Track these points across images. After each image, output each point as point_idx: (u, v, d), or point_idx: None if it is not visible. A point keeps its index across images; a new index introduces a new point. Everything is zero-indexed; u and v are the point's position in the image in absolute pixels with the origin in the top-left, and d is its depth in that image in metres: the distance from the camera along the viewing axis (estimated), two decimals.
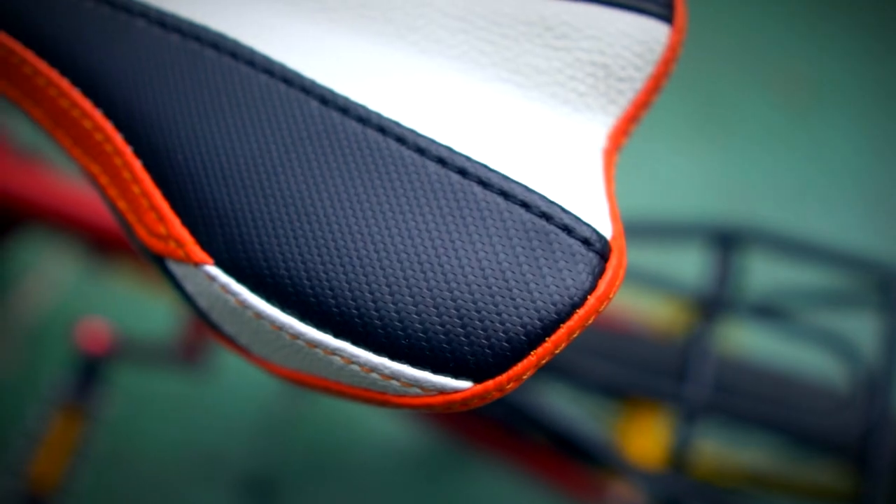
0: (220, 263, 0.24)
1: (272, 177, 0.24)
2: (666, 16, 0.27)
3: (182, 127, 0.25)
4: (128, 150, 0.26)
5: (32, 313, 0.77)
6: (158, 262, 0.26)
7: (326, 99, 0.25)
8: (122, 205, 0.26)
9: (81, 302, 0.77)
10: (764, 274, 0.64)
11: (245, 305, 0.24)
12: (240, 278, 0.24)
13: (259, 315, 0.24)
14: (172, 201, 0.25)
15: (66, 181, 0.62)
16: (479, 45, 0.26)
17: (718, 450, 0.62)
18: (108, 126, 0.26)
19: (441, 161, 0.24)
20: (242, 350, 0.27)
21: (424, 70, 0.26)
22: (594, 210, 0.24)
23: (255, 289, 0.24)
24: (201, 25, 0.26)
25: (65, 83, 0.27)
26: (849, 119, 1.14)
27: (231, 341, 0.27)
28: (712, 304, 0.48)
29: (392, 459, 0.81)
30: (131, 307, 0.74)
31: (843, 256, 0.48)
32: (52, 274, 0.78)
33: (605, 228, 0.24)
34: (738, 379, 0.53)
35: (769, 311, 0.48)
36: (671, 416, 0.56)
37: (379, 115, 0.25)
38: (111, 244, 0.60)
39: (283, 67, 0.26)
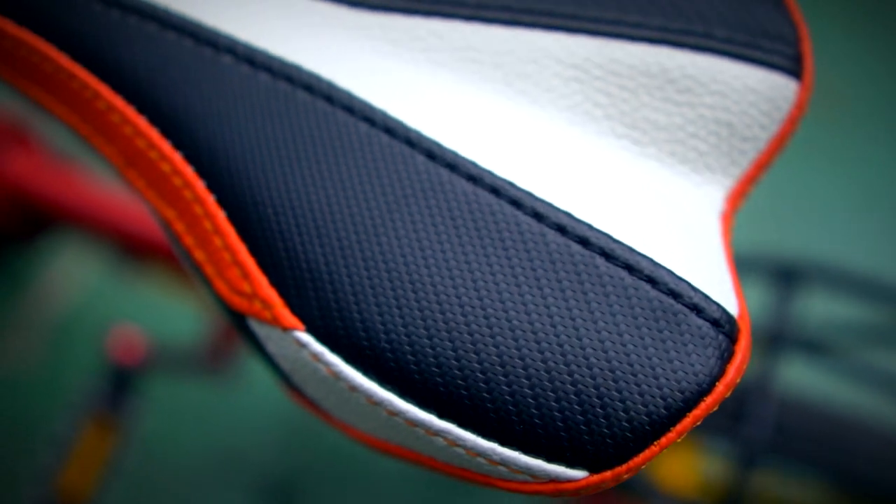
0: (312, 330, 0.22)
1: (373, 237, 0.22)
2: (795, 71, 0.25)
3: (272, 177, 0.23)
4: (210, 199, 0.24)
5: (55, 310, 0.76)
6: (237, 319, 0.24)
7: (433, 153, 0.23)
8: (199, 255, 0.24)
9: (104, 301, 0.75)
10: (817, 309, 0.62)
11: (338, 377, 0.22)
12: (334, 347, 0.22)
13: (354, 388, 0.22)
14: (260, 258, 0.23)
15: (99, 186, 0.60)
16: (594, 97, 0.24)
17: (773, 483, 0.60)
18: (189, 171, 0.24)
19: (560, 229, 0.22)
20: (324, 413, 0.25)
21: (534, 122, 0.24)
22: (720, 285, 0.23)
23: (351, 360, 0.22)
24: (293, 64, 0.24)
25: (142, 122, 0.25)
26: (885, 134, 1.12)
27: (312, 404, 0.25)
28: (773, 342, 0.46)
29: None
30: (154, 309, 0.73)
31: None
32: (76, 272, 0.76)
33: (732, 306, 0.22)
34: (796, 420, 0.51)
35: (825, 349, 0.47)
36: (724, 454, 0.54)
37: (492, 175, 0.23)
38: (141, 250, 0.59)
39: (384, 115, 0.23)
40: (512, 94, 0.25)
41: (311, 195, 0.23)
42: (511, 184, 0.23)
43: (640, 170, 0.24)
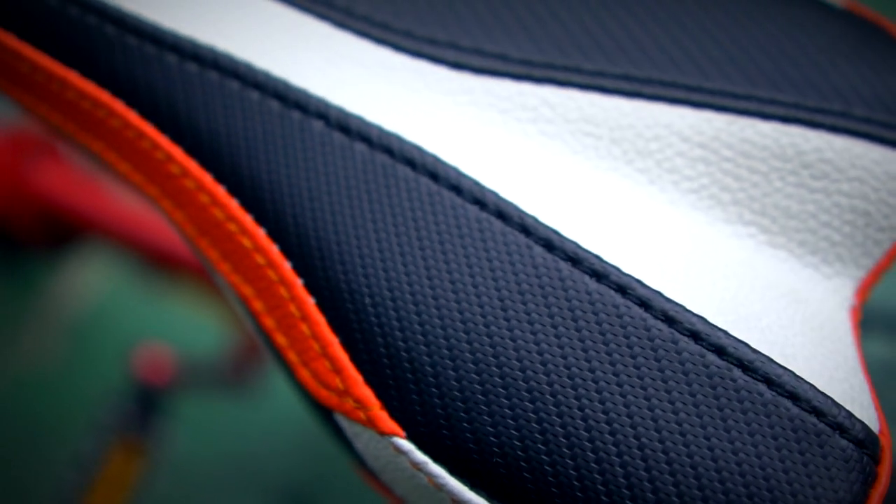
0: (414, 437, 0.20)
1: (485, 337, 0.20)
2: None
3: (370, 262, 0.21)
4: (298, 283, 0.22)
5: (73, 314, 0.74)
6: (321, 410, 0.22)
7: (552, 244, 0.21)
8: (280, 339, 0.22)
9: (123, 307, 0.73)
10: None
11: (441, 488, 0.20)
12: (438, 458, 0.20)
13: (458, 501, 0.20)
14: (354, 354, 0.21)
15: (125, 198, 0.58)
16: (722, 180, 0.22)
17: None
18: (274, 250, 0.22)
19: (694, 335, 0.20)
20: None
21: (656, 206, 0.22)
22: (860, 396, 0.21)
23: (457, 472, 0.20)
24: (393, 134, 0.22)
25: (220, 190, 0.22)
26: None
27: (398, 500, 0.23)
28: None
29: None
30: (175, 320, 0.71)
31: None
32: (96, 278, 0.74)
33: (873, 421, 0.20)
34: None
35: None
36: None
37: (618, 271, 0.20)
38: (165, 263, 0.57)
39: (496, 198, 0.21)
40: (631, 172, 0.22)
41: (415, 285, 0.21)
42: (639, 282, 0.20)
43: (768, 261, 0.22)
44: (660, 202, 0.22)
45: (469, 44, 0.23)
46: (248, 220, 0.22)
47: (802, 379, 0.20)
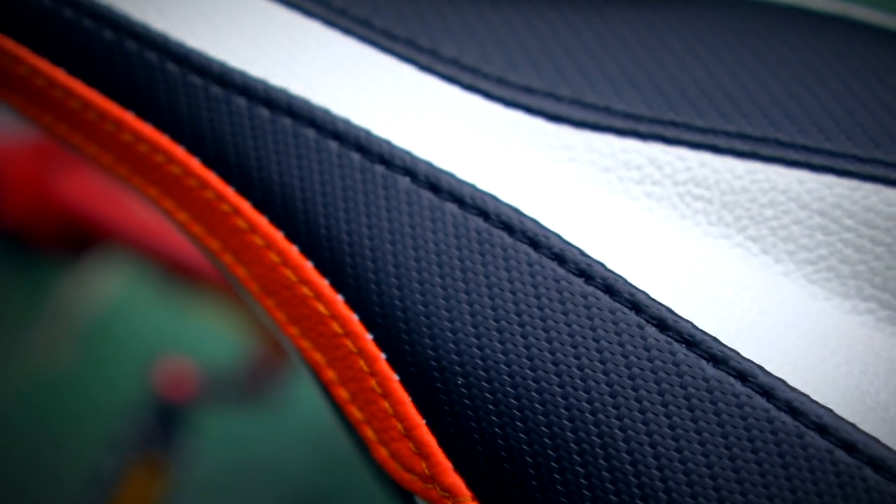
0: None
1: (592, 427, 0.18)
2: None
3: (465, 340, 0.19)
4: (380, 358, 0.20)
5: (86, 315, 0.72)
6: (400, 492, 0.21)
7: (666, 324, 0.19)
8: (356, 413, 0.20)
9: (137, 312, 0.72)
10: None
11: None
12: None
13: None
14: (443, 438, 0.19)
15: (149, 209, 0.56)
16: (842, 251, 0.20)
17: None
18: (354, 319, 0.20)
19: (822, 430, 0.18)
20: None
21: (770, 279, 0.20)
22: None
23: None
24: (488, 194, 0.20)
25: (293, 252, 0.20)
26: None
27: None
28: None
29: None
30: (189, 325, 0.69)
31: None
32: (112, 281, 0.73)
33: None
34: None
35: None
36: None
37: (738, 356, 0.19)
38: (186, 275, 0.56)
39: (603, 271, 0.19)
40: (743, 240, 0.21)
41: (514, 365, 0.19)
42: (761, 368, 0.19)
43: (889, 339, 0.20)
44: (773, 273, 0.20)
45: (569, 93, 0.21)
46: (324, 284, 0.20)
47: None
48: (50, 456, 0.64)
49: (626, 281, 0.19)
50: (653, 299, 0.19)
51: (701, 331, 0.19)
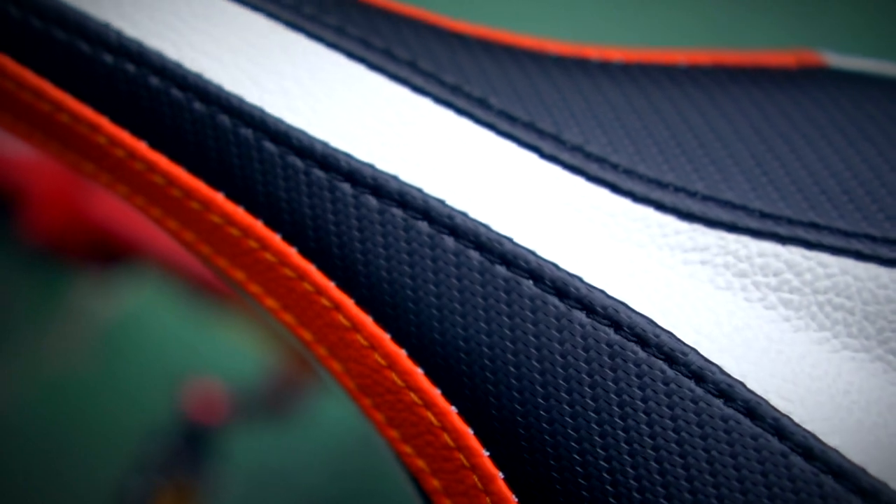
0: None
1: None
2: None
3: (592, 463, 0.18)
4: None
5: (104, 324, 0.71)
6: None
7: (812, 453, 0.18)
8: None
9: (158, 325, 0.70)
10: None
11: None
12: None
13: None
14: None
15: None
16: None
17: None
18: (468, 434, 0.18)
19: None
20: None
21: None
22: None
23: None
24: (620, 302, 0.18)
25: (402, 356, 0.19)
26: None
27: None
28: None
29: None
30: (213, 340, 0.68)
31: None
32: (128, 289, 0.71)
33: None
34: None
35: None
36: None
37: (890, 493, 0.17)
38: (211, 294, 0.54)
39: (744, 392, 0.18)
40: (883, 353, 0.19)
41: (649, 495, 0.18)
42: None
43: None
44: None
45: (703, 190, 0.19)
46: (436, 394, 0.19)
47: None
48: (71, 474, 0.62)
49: (768, 404, 0.18)
50: (797, 425, 0.18)
51: (850, 462, 0.18)
